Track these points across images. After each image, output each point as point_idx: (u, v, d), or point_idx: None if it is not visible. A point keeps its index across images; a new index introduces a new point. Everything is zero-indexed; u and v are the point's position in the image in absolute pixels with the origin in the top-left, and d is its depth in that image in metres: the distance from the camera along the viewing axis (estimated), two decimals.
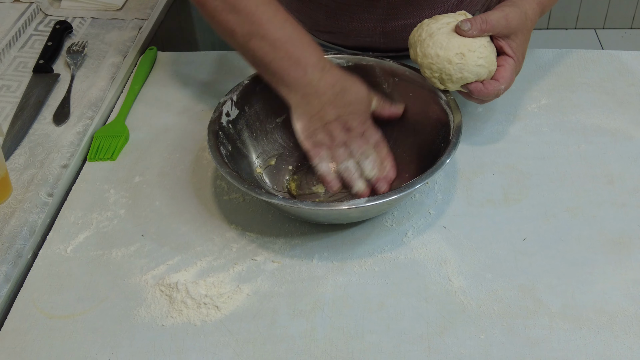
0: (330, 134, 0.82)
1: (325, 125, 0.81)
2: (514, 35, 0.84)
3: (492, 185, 0.85)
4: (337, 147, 0.82)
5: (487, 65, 0.82)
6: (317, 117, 0.81)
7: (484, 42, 0.82)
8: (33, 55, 1.10)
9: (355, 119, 0.82)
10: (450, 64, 0.81)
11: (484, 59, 0.81)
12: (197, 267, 0.77)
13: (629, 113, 0.95)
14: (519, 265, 0.76)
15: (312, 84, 0.80)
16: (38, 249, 0.81)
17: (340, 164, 0.82)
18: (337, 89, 0.81)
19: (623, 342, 0.68)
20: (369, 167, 0.83)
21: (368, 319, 0.71)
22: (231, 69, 1.06)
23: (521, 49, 0.85)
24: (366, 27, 0.99)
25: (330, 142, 0.82)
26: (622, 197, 0.83)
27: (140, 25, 1.17)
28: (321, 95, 0.80)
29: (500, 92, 0.83)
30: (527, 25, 0.85)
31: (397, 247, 0.78)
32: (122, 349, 0.70)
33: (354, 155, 0.83)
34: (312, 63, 0.80)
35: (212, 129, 0.82)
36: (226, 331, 0.71)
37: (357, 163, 0.83)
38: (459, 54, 0.80)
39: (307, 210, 0.75)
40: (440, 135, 0.82)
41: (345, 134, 0.82)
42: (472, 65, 0.81)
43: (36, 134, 0.95)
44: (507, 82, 0.83)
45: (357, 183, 0.82)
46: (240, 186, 0.75)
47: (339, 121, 0.82)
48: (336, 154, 0.82)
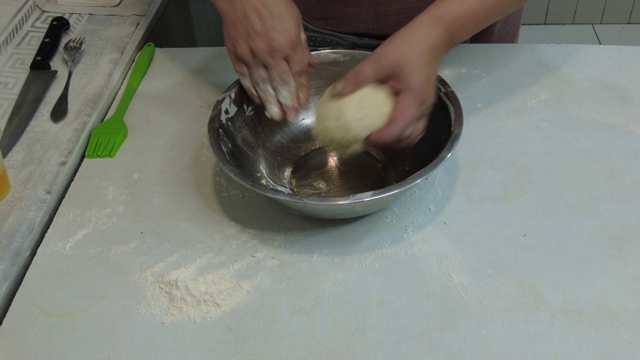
0: (253, 47, 0.79)
1: (248, 36, 0.79)
2: (398, 69, 0.76)
3: (492, 181, 0.85)
4: (257, 67, 0.81)
5: (374, 114, 0.76)
6: (240, 23, 0.79)
7: (364, 92, 0.77)
8: (30, 51, 1.10)
9: (282, 38, 0.79)
10: (333, 131, 0.78)
11: (367, 108, 0.76)
12: (197, 264, 0.77)
13: (628, 108, 0.95)
14: (519, 261, 0.76)
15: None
16: (37, 247, 0.81)
17: (258, 85, 0.82)
18: (268, 0, 0.79)
19: (624, 338, 0.68)
20: (284, 94, 0.82)
21: (368, 316, 0.71)
22: (229, 65, 1.05)
23: (415, 77, 0.76)
24: (359, 12, 0.99)
25: (251, 58, 0.80)
26: (622, 192, 0.83)
27: (137, 21, 1.16)
28: (247, 1, 0.79)
29: (402, 130, 0.76)
30: (415, 52, 0.76)
31: (397, 243, 0.78)
32: (122, 347, 0.70)
33: (272, 78, 0.81)
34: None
35: (212, 127, 0.82)
36: (226, 328, 0.71)
37: (274, 88, 0.82)
38: (337, 117, 0.77)
39: (312, 205, 0.75)
40: (440, 127, 0.82)
41: (268, 53, 0.79)
42: (354, 121, 0.76)
43: (34, 131, 0.95)
44: (405, 118, 0.75)
45: (270, 107, 0.82)
46: (245, 183, 0.75)
47: (264, 37, 0.79)
48: (254, 73, 0.81)
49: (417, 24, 0.79)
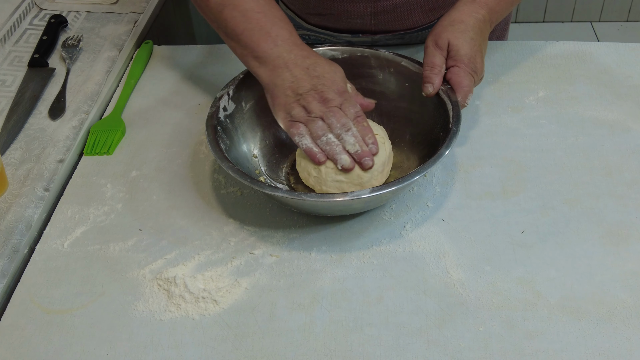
0: (306, 106, 0.78)
1: (299, 98, 0.78)
2: (450, 47, 0.84)
3: (490, 177, 0.85)
4: (314, 121, 0.77)
5: (350, 180, 0.77)
6: (290, 89, 0.78)
7: None
8: (28, 49, 1.10)
9: (331, 90, 0.79)
10: (309, 176, 0.79)
11: (343, 175, 0.77)
12: (195, 261, 0.77)
13: (626, 105, 0.95)
14: (517, 258, 0.76)
15: (282, 56, 0.79)
16: (35, 244, 0.81)
17: (320, 138, 0.77)
18: (308, 62, 0.80)
19: (622, 334, 0.68)
20: (350, 140, 0.77)
21: (367, 312, 0.71)
22: (227, 63, 1.06)
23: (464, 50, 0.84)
24: (356, 7, 0.99)
25: (306, 116, 0.78)
26: (620, 188, 0.83)
27: (135, 18, 1.16)
28: (292, 68, 0.79)
29: (464, 99, 0.82)
30: (460, 28, 0.84)
31: (395, 240, 0.78)
32: (120, 344, 0.70)
33: (333, 128, 0.77)
34: (283, 37, 0.80)
35: (210, 124, 0.81)
36: (225, 325, 0.71)
37: (337, 136, 0.77)
38: (317, 168, 0.78)
39: (310, 202, 0.75)
40: (439, 124, 0.82)
41: (322, 105, 0.78)
42: (331, 180, 0.77)
43: (32, 128, 0.95)
44: (463, 88, 0.82)
45: (341, 157, 0.76)
46: (243, 180, 0.74)
47: (314, 93, 0.78)
48: (313, 127, 0.77)
49: (458, 8, 0.86)
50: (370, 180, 0.78)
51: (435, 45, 0.84)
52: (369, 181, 0.78)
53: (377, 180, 0.78)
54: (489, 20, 0.87)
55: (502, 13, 0.89)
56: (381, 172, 0.79)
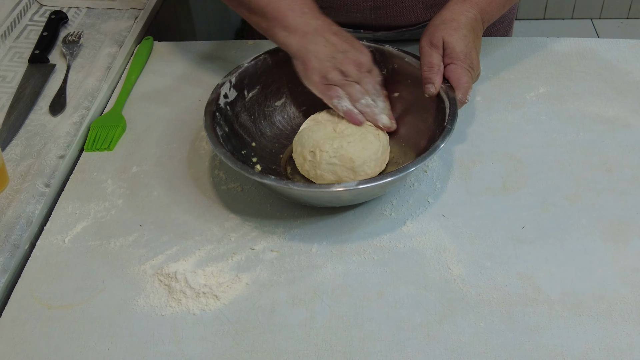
0: (343, 70, 0.81)
1: (335, 62, 0.80)
2: (444, 44, 0.84)
3: (490, 173, 0.85)
4: (351, 84, 0.81)
5: (343, 163, 0.79)
6: (323, 53, 0.80)
7: (345, 142, 0.79)
8: (28, 45, 1.09)
9: (363, 56, 0.82)
10: (305, 160, 0.80)
11: (337, 157, 0.78)
12: (196, 256, 0.77)
13: (626, 101, 0.95)
14: (518, 253, 0.76)
15: (311, 23, 0.81)
16: (36, 240, 0.81)
17: (359, 101, 0.81)
18: (335, 28, 0.82)
19: (622, 329, 0.68)
20: (381, 105, 0.83)
21: (367, 308, 0.71)
22: (228, 59, 1.06)
23: (459, 47, 0.84)
24: (357, 1, 0.99)
25: (343, 80, 0.81)
26: (621, 184, 0.83)
27: (136, 15, 1.16)
28: (323, 33, 0.81)
29: (464, 96, 0.83)
30: (453, 26, 0.85)
31: (396, 236, 0.78)
32: (121, 339, 0.70)
33: (369, 92, 0.82)
34: (309, 5, 0.83)
35: (208, 110, 0.82)
36: (225, 320, 0.71)
37: (373, 100, 0.83)
38: (312, 152, 0.79)
39: (297, 191, 0.74)
40: (437, 121, 0.82)
41: (358, 69, 0.81)
42: (325, 164, 0.79)
43: (32, 124, 0.95)
44: (462, 84, 0.83)
45: (381, 117, 0.82)
46: (233, 166, 0.75)
47: (350, 56, 0.81)
48: (352, 90, 0.81)
49: (449, 7, 0.87)
50: (362, 165, 0.79)
51: (430, 45, 0.85)
52: (360, 166, 0.78)
53: (370, 168, 0.79)
54: (481, 20, 0.87)
55: (493, 14, 0.89)
56: (375, 161, 0.79)
